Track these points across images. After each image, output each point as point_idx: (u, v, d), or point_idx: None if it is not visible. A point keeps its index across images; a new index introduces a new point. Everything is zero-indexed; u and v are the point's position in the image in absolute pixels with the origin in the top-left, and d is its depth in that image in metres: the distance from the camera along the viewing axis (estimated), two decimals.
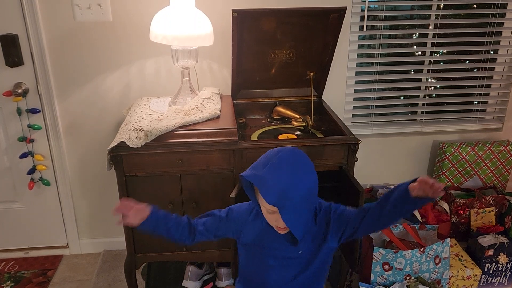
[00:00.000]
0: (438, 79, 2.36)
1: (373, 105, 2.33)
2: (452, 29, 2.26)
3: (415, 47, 2.31)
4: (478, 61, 2.35)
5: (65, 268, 2.24)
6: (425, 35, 2.27)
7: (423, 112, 2.39)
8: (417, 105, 2.39)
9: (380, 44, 2.22)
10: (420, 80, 2.34)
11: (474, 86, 2.38)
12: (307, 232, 1.20)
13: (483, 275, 2.02)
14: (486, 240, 2.04)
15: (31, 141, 2.10)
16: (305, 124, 1.90)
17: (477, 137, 2.45)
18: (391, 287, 1.78)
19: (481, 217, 2.24)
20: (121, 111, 2.08)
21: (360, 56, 2.27)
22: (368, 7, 2.13)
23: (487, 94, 2.41)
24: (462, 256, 2.05)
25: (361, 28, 2.17)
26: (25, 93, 2.02)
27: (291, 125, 1.96)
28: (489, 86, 2.39)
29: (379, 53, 2.24)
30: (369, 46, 2.25)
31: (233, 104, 1.97)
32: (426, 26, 2.26)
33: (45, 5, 1.91)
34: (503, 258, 2.01)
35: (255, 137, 1.84)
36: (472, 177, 2.37)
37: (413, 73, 2.34)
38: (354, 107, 2.34)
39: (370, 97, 2.32)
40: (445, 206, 2.28)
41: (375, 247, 1.79)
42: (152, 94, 2.09)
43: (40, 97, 2.05)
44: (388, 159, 2.42)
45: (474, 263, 2.01)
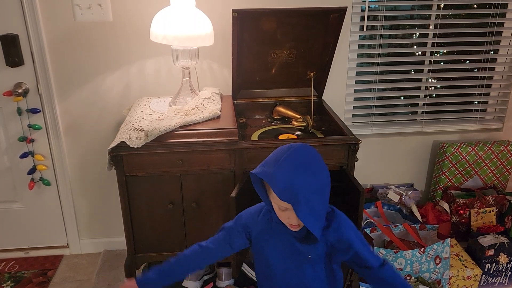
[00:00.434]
0: (438, 79, 2.36)
1: (374, 105, 2.33)
2: (452, 29, 2.26)
3: (415, 47, 2.31)
4: (479, 61, 2.35)
5: (65, 268, 2.25)
6: (425, 35, 2.27)
7: (423, 112, 2.39)
8: (417, 105, 2.39)
9: (380, 44, 2.22)
10: (420, 80, 2.34)
11: (475, 86, 2.38)
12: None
13: (483, 275, 2.02)
14: (487, 240, 2.04)
15: (32, 141, 2.10)
16: (305, 124, 1.90)
17: (477, 137, 2.45)
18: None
19: (481, 217, 2.24)
20: (121, 111, 2.08)
21: (360, 56, 2.27)
22: (368, 7, 2.13)
23: (487, 94, 2.41)
24: (462, 256, 2.05)
25: (361, 28, 2.17)
26: (25, 93, 2.02)
27: (291, 125, 1.96)
28: (489, 86, 2.39)
29: (379, 53, 2.24)
30: (369, 46, 2.25)
31: (233, 104, 1.97)
32: (427, 26, 2.26)
33: (45, 5, 1.91)
34: (503, 258, 2.01)
35: (255, 137, 1.84)
36: (473, 177, 2.37)
37: (413, 73, 2.34)
38: (355, 107, 2.34)
39: (370, 97, 2.32)
40: (446, 206, 2.28)
41: (375, 247, 1.79)
42: (152, 94, 2.09)
43: (40, 97, 2.05)
44: (388, 159, 2.42)
45: (474, 263, 2.01)
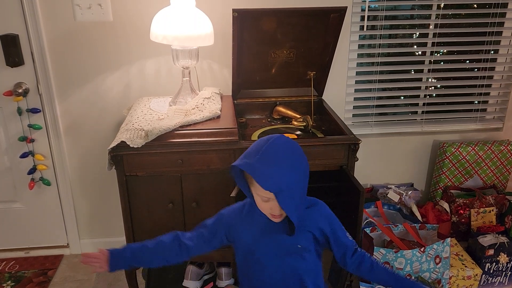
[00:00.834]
0: (438, 78, 2.36)
1: (374, 105, 2.33)
2: (452, 28, 2.26)
3: (415, 46, 2.31)
4: (479, 60, 2.35)
5: (66, 267, 2.25)
6: (426, 35, 2.27)
7: (423, 112, 2.39)
8: (417, 104, 2.39)
9: (380, 44, 2.22)
10: (420, 79, 2.34)
11: (475, 86, 2.38)
12: (301, 224, 1.19)
13: (483, 275, 2.02)
14: (487, 240, 2.04)
15: (32, 141, 2.10)
16: (305, 124, 1.90)
17: (477, 136, 2.45)
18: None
19: (481, 217, 2.24)
20: (121, 111, 2.08)
21: (361, 56, 2.27)
22: (369, 6, 2.13)
23: (487, 94, 2.41)
24: (462, 255, 2.05)
25: (362, 28, 2.17)
26: (25, 93, 2.02)
27: (291, 125, 1.96)
28: (489, 86, 2.39)
29: (379, 53, 2.24)
30: (370, 46, 2.25)
31: (233, 104, 1.97)
32: (427, 26, 2.26)
33: (45, 5, 1.91)
34: (503, 258, 2.01)
35: (255, 137, 1.84)
36: (473, 177, 2.37)
37: (413, 72, 2.34)
38: (355, 107, 2.34)
39: (371, 96, 2.32)
40: (446, 205, 2.28)
41: (375, 247, 1.79)
42: (152, 94, 2.09)
43: (40, 97, 2.05)
44: (388, 158, 2.43)
45: (474, 262, 2.01)
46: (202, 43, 1.74)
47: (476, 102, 2.43)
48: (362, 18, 2.15)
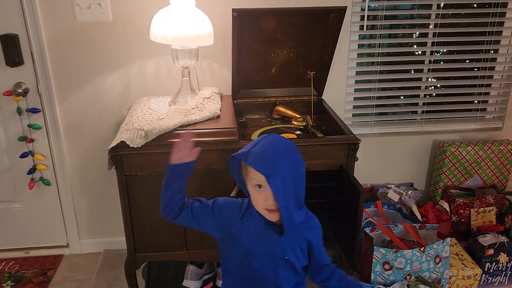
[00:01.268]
0: (438, 78, 2.36)
1: (373, 105, 2.33)
2: (452, 28, 2.26)
3: (415, 46, 2.31)
4: (478, 60, 2.35)
5: (66, 267, 2.25)
6: (425, 35, 2.27)
7: (423, 112, 2.39)
8: (417, 104, 2.40)
9: (380, 44, 2.22)
10: (420, 79, 2.34)
11: (474, 86, 2.38)
12: (292, 236, 1.20)
13: (483, 275, 2.02)
14: (486, 240, 2.04)
15: (31, 140, 2.10)
16: (305, 123, 1.90)
17: (477, 136, 2.45)
18: (391, 286, 1.78)
19: (481, 217, 2.24)
20: (121, 110, 2.08)
21: (360, 55, 2.27)
22: (368, 6, 2.13)
23: (487, 94, 2.41)
24: (462, 255, 2.05)
25: (361, 27, 2.17)
26: (25, 92, 2.02)
27: (291, 124, 1.96)
28: (489, 86, 2.39)
29: (379, 53, 2.24)
30: (369, 46, 2.25)
31: (233, 104, 1.97)
32: (426, 26, 2.26)
33: (45, 4, 1.91)
34: (503, 258, 2.01)
35: (255, 136, 1.84)
36: (472, 177, 2.37)
37: (413, 72, 2.34)
38: (354, 107, 2.34)
39: (370, 96, 2.32)
40: (445, 205, 2.28)
41: (375, 247, 1.79)
42: (152, 94, 2.09)
43: (40, 97, 2.05)
44: (388, 158, 2.43)
45: (474, 262, 2.01)
46: (202, 43, 1.74)
47: (476, 101, 2.43)
48: (362, 18, 2.15)
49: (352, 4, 2.08)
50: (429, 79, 2.34)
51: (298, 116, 1.95)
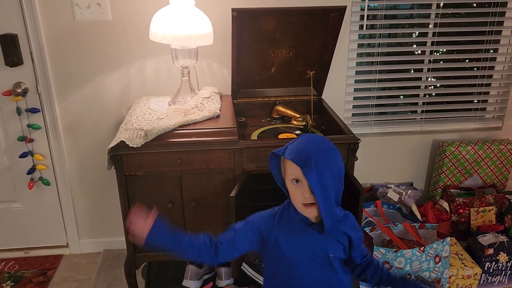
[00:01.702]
0: (438, 78, 2.36)
1: (373, 104, 2.33)
2: (452, 28, 2.26)
3: (415, 46, 2.31)
4: (478, 60, 2.35)
5: (65, 267, 2.24)
6: (425, 34, 2.27)
7: (423, 111, 2.39)
8: (417, 104, 2.40)
9: (380, 43, 2.22)
10: (420, 79, 2.34)
11: (474, 85, 2.38)
12: (333, 232, 1.19)
13: (483, 274, 2.02)
14: (486, 239, 2.04)
15: (31, 140, 2.10)
16: (305, 123, 1.90)
17: (477, 136, 2.45)
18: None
19: (481, 216, 2.24)
20: (121, 110, 2.08)
21: (360, 55, 2.27)
22: (368, 6, 2.13)
23: (487, 93, 2.41)
24: (462, 255, 2.05)
25: (361, 27, 2.17)
26: (24, 92, 2.02)
27: (291, 124, 1.96)
28: (489, 85, 2.39)
29: (379, 52, 2.24)
30: (369, 45, 2.25)
31: (233, 104, 1.96)
32: (426, 25, 2.26)
33: (44, 4, 1.91)
34: (503, 257, 2.02)
35: (255, 136, 1.84)
36: (472, 176, 2.37)
37: (412, 72, 2.34)
38: (354, 106, 2.34)
39: (370, 96, 2.32)
40: (445, 205, 2.28)
41: (375, 246, 1.79)
42: (152, 94, 2.09)
43: (39, 97, 2.04)
44: (388, 158, 2.43)
45: (474, 262, 2.01)
46: (201, 42, 1.74)
47: (476, 101, 2.43)
48: (362, 18, 2.15)
49: (351, 3, 2.08)
50: (429, 79, 2.34)
51: (298, 115, 1.95)
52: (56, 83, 2.04)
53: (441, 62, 2.36)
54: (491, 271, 2.04)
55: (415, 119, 2.40)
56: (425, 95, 2.38)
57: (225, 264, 2.02)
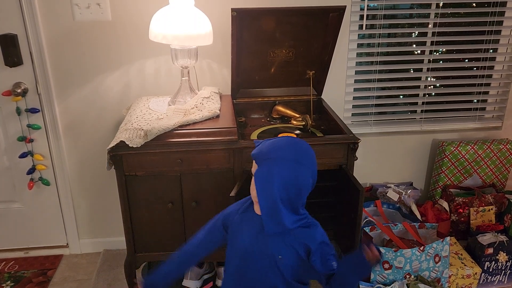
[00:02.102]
0: (437, 77, 2.36)
1: (373, 104, 2.33)
2: (451, 27, 2.26)
3: (414, 46, 2.31)
4: (478, 59, 2.35)
5: (65, 267, 2.25)
6: (425, 34, 2.27)
7: (422, 111, 2.39)
8: (416, 103, 2.40)
9: (379, 43, 2.22)
10: (419, 79, 2.34)
11: (474, 85, 2.38)
12: (287, 238, 1.17)
13: (482, 274, 2.03)
14: (486, 239, 2.04)
15: (31, 140, 2.10)
16: (304, 123, 1.90)
17: (476, 135, 2.45)
18: (391, 285, 1.78)
19: (480, 216, 2.24)
20: (120, 110, 2.08)
21: (360, 55, 2.27)
22: (368, 6, 2.13)
23: (486, 93, 2.41)
24: (462, 254, 2.05)
25: (361, 27, 2.17)
26: (24, 92, 2.01)
27: (290, 124, 1.96)
28: (488, 85, 2.39)
29: (378, 52, 2.24)
30: (369, 45, 2.25)
31: (232, 104, 1.97)
32: (426, 25, 2.26)
33: (44, 4, 1.91)
34: (502, 257, 2.02)
35: (254, 136, 1.84)
36: (472, 176, 2.37)
37: (412, 71, 2.34)
38: (354, 106, 2.34)
39: (370, 96, 2.32)
40: (445, 204, 2.28)
41: (375, 246, 1.79)
42: (151, 94, 2.09)
43: (39, 97, 2.04)
44: (387, 157, 2.43)
45: (473, 261, 2.01)
46: (201, 42, 1.74)
47: (475, 101, 2.43)
48: (361, 17, 2.15)
49: (351, 3, 2.08)
50: (429, 79, 2.34)
51: (298, 115, 1.95)
52: (56, 83, 2.04)
53: (441, 61, 2.36)
54: (490, 270, 2.04)
55: (415, 118, 2.40)
56: (424, 94, 2.38)
57: None
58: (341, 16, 1.83)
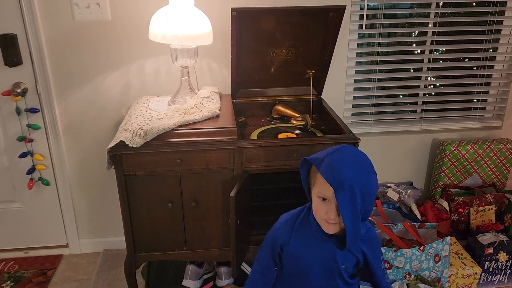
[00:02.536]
0: (437, 77, 2.36)
1: (373, 104, 2.33)
2: (451, 27, 2.26)
3: (414, 45, 2.31)
4: (478, 59, 2.35)
5: (65, 267, 2.24)
6: (425, 34, 2.26)
7: (422, 111, 2.39)
8: (416, 103, 2.40)
9: (379, 43, 2.22)
10: (419, 78, 2.34)
11: (474, 84, 2.38)
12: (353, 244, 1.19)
13: (483, 273, 2.03)
14: (486, 238, 2.04)
15: (31, 140, 2.10)
16: (304, 123, 1.90)
17: (476, 135, 2.45)
18: (391, 285, 1.78)
19: (480, 215, 2.24)
20: (120, 110, 2.08)
21: (360, 54, 2.27)
22: (368, 5, 2.13)
23: (486, 92, 2.41)
24: (462, 254, 2.05)
25: (361, 26, 2.17)
26: (24, 92, 2.01)
27: (290, 124, 1.96)
28: (488, 84, 2.39)
29: (378, 52, 2.24)
30: (369, 45, 2.25)
31: (232, 103, 1.96)
32: (426, 25, 2.26)
33: (43, 4, 1.90)
34: (502, 256, 2.02)
35: (254, 136, 1.84)
36: (472, 175, 2.37)
37: (412, 71, 2.34)
38: (354, 106, 2.34)
39: (370, 95, 2.32)
40: (445, 204, 2.28)
41: None
42: (151, 94, 2.09)
43: (39, 97, 2.04)
44: (387, 157, 2.43)
45: (474, 261, 2.01)
46: (201, 42, 1.74)
47: (475, 100, 2.43)
48: (361, 17, 2.15)
49: (351, 3, 2.08)
50: (428, 78, 2.34)
51: (298, 115, 1.95)
52: (55, 83, 2.04)
53: (441, 61, 2.36)
54: (490, 270, 2.04)
55: (415, 118, 2.40)
56: (424, 94, 2.38)
57: (225, 263, 2.02)
58: (341, 16, 1.83)
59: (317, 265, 1.22)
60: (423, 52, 2.30)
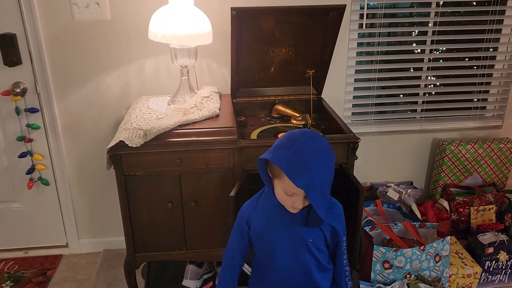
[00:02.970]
0: (437, 76, 2.36)
1: (373, 103, 2.33)
2: (451, 26, 2.25)
3: (414, 44, 2.31)
4: (478, 58, 2.35)
5: (65, 267, 2.24)
6: (425, 33, 2.26)
7: (422, 110, 2.38)
8: (416, 103, 2.39)
9: (379, 42, 2.22)
10: (419, 78, 2.34)
11: (474, 84, 2.38)
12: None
13: (483, 273, 2.02)
14: (486, 238, 2.04)
15: (30, 140, 2.09)
16: (304, 122, 1.90)
17: (477, 134, 2.44)
18: (391, 285, 1.78)
19: (481, 215, 2.24)
20: (120, 110, 2.07)
21: (360, 54, 2.26)
22: (368, 4, 2.12)
23: (486, 92, 2.41)
24: (462, 254, 2.05)
25: (361, 26, 2.17)
26: (23, 92, 2.01)
27: (290, 123, 1.96)
28: (488, 84, 2.39)
29: (378, 51, 2.23)
30: (369, 44, 2.24)
31: (232, 103, 1.96)
32: (426, 24, 2.26)
33: (43, 4, 1.90)
34: (503, 256, 2.01)
35: (254, 135, 1.84)
36: (472, 175, 2.36)
37: (412, 71, 2.34)
38: (354, 105, 2.34)
39: (370, 95, 2.31)
40: (445, 204, 2.28)
41: (375, 246, 1.79)
42: (151, 93, 2.09)
43: (38, 97, 2.04)
44: (387, 157, 2.42)
45: (474, 261, 2.01)
46: (200, 41, 1.73)
47: (476, 100, 2.43)
48: (361, 16, 2.15)
49: (351, 2, 2.07)
50: (429, 78, 2.33)
51: (298, 115, 1.95)
52: (55, 82, 2.03)
53: (441, 61, 2.36)
54: (491, 270, 2.04)
55: (415, 118, 2.40)
56: (424, 94, 2.38)
57: None
58: (341, 15, 1.82)
59: (282, 241, 1.24)
60: (423, 51, 2.30)
